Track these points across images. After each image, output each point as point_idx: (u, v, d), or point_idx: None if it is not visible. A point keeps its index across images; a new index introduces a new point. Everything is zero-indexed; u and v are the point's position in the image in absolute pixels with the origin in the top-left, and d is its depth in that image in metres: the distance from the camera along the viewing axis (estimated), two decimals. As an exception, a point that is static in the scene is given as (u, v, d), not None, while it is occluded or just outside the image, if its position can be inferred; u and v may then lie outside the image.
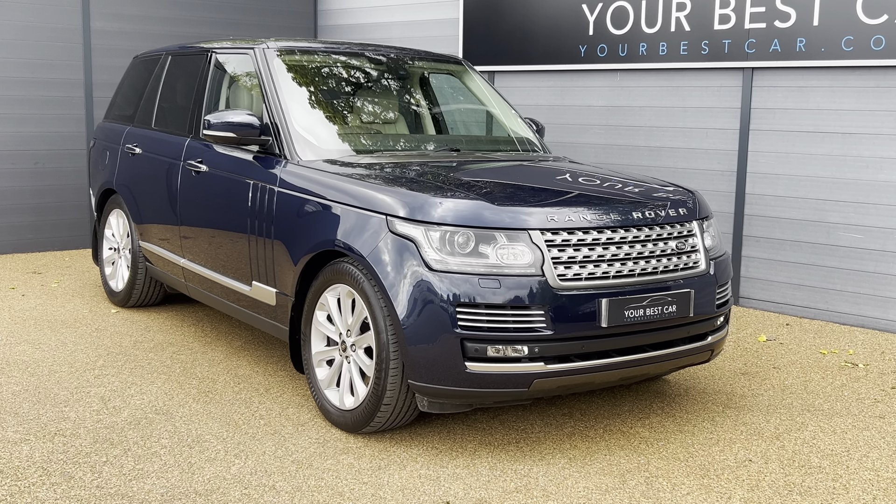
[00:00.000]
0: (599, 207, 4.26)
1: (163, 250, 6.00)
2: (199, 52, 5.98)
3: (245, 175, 5.08)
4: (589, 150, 8.07)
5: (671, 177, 7.55)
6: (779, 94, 6.95)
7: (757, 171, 7.12)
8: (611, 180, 4.87)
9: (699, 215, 4.61)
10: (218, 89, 5.76)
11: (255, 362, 5.40)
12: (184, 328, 6.12)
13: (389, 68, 5.81)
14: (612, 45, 7.73)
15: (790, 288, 7.03)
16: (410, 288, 3.98)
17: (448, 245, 3.99)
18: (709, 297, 4.46)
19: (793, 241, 6.99)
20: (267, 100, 5.10)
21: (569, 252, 4.07)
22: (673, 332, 4.34)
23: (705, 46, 7.20)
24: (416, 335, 3.97)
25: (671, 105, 7.55)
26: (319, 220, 4.49)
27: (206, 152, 5.50)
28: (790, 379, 5.42)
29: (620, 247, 4.20)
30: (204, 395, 4.82)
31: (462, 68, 6.17)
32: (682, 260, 4.40)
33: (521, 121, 5.97)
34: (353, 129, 5.30)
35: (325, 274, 4.42)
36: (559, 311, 3.99)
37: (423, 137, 5.68)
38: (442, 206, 4.05)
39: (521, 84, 8.49)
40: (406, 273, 4.00)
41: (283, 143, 4.93)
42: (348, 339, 4.36)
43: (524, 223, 4.05)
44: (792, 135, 6.92)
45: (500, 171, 5.01)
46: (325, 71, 5.48)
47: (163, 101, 6.27)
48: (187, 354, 5.53)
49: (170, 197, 5.81)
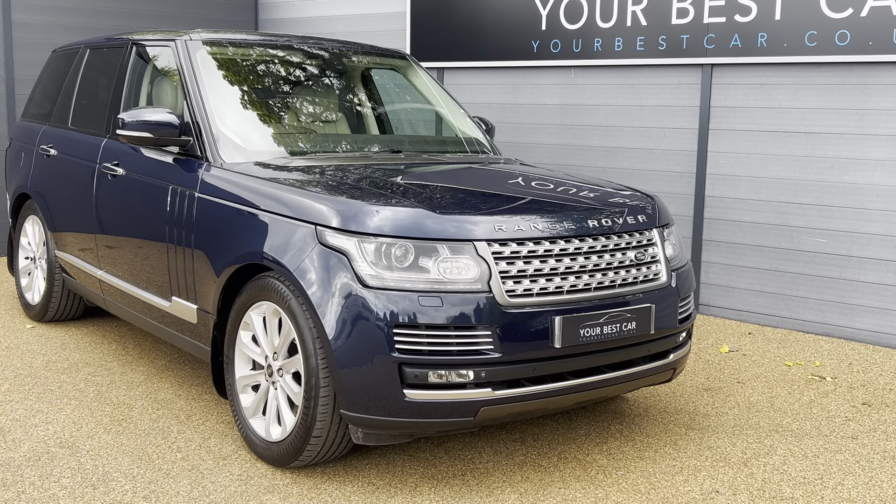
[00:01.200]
0: (552, 215, 3.86)
1: (79, 261, 5.49)
2: (119, 44, 5.48)
3: (164, 179, 4.61)
4: (543, 151, 7.69)
5: (628, 178, 7.19)
6: (739, 92, 6.63)
7: (717, 172, 6.80)
8: (565, 185, 4.48)
9: (659, 222, 4.24)
10: (138, 85, 5.27)
11: (178, 384, 4.93)
12: (103, 345, 5.62)
13: (327, 63, 5.37)
14: (565, 40, 7.36)
15: (752, 295, 6.71)
16: (341, 306, 3.55)
17: (384, 258, 3.57)
18: (670, 312, 4.10)
19: (754, 246, 6.67)
20: (188, 96, 4.63)
21: (518, 265, 3.67)
22: (632, 351, 3.97)
23: (662, 42, 6.85)
24: (348, 359, 3.54)
25: (627, 103, 7.20)
26: (243, 229, 4.04)
27: (124, 154, 5.02)
28: (755, 395, 5.08)
29: (575, 258, 3.81)
30: (117, 423, 4.35)
31: (406, 63, 5.75)
32: (642, 272, 4.02)
33: (469, 120, 5.56)
34: (284, 129, 4.85)
35: (249, 290, 3.98)
36: (508, 330, 3.59)
37: (363, 138, 5.24)
38: (377, 215, 3.62)
39: (472, 81, 8.09)
40: (337, 290, 3.57)
41: (204, 144, 4.47)
42: (275, 363, 3.92)
43: (469, 233, 3.64)
44: (753, 134, 6.60)
45: (445, 175, 4.59)
46: (256, 66, 5.03)
47: (80, 97, 5.75)
48: (104, 376, 5.04)
49: (85, 203, 5.31)
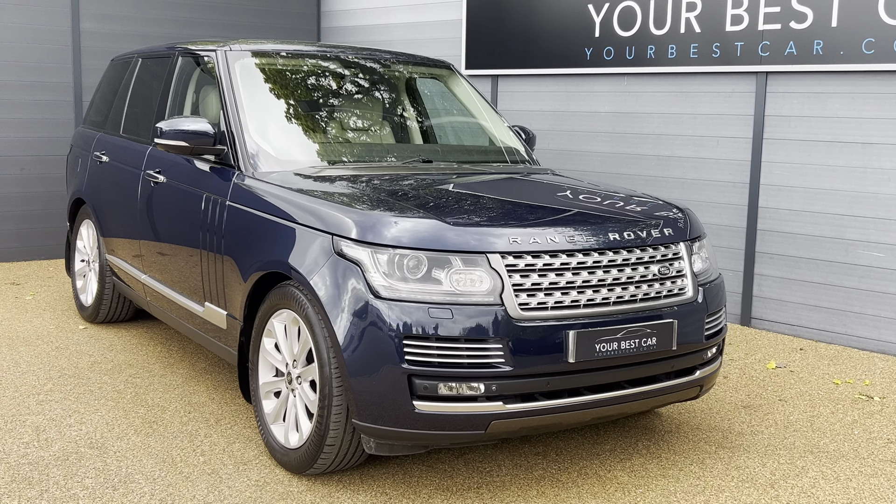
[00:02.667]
0: (571, 227, 3.82)
1: (126, 265, 5.65)
2: (166, 54, 5.63)
3: (200, 187, 4.71)
4: (594, 159, 7.61)
5: (680, 188, 7.07)
6: (794, 101, 6.46)
7: (771, 182, 6.63)
8: (592, 196, 4.43)
9: (688, 236, 4.15)
10: (183, 94, 5.40)
11: (212, 388, 5.02)
12: (148, 347, 5.76)
13: (367, 72, 5.41)
14: (618, 47, 7.27)
15: (805, 309, 6.52)
16: (354, 316, 3.57)
17: (397, 269, 3.58)
18: (696, 327, 4.01)
19: (809, 259, 6.48)
20: (224, 106, 4.72)
21: (533, 278, 3.64)
22: (654, 367, 3.90)
23: (716, 49, 6.72)
24: (359, 369, 3.56)
25: (680, 111, 7.08)
26: (267, 237, 4.10)
27: (165, 162, 5.14)
28: (796, 413, 4.94)
29: (593, 272, 3.76)
30: (148, 425, 4.45)
31: (448, 72, 5.75)
32: (666, 286, 3.95)
33: (508, 129, 5.54)
34: (319, 139, 4.90)
35: (272, 297, 4.03)
36: (520, 344, 3.56)
37: (395, 148, 5.26)
38: (390, 226, 3.64)
39: (525, 89, 8.05)
40: (349, 299, 3.59)
41: (237, 154, 4.55)
42: (294, 371, 3.96)
43: (482, 246, 3.63)
44: (808, 144, 6.42)
45: (470, 186, 4.57)
46: (294, 75, 5.10)
47: (131, 106, 5.92)
48: (144, 378, 5.16)
49: (131, 209, 5.46)
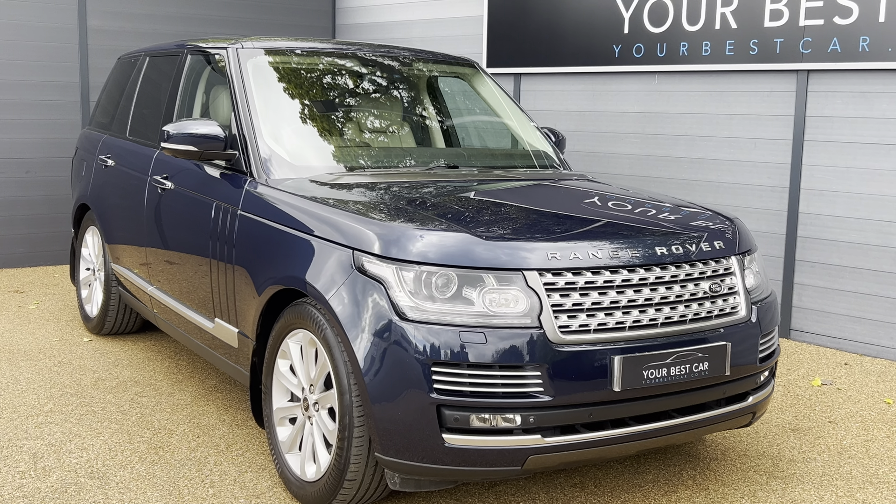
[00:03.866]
0: (615, 241, 3.48)
1: (132, 275, 5.34)
2: (175, 52, 5.31)
3: (209, 195, 4.40)
4: (623, 161, 7.26)
5: (715, 192, 6.71)
6: (838, 101, 6.10)
7: (812, 187, 6.27)
8: (633, 205, 4.09)
9: (739, 249, 3.81)
10: (192, 95, 5.08)
11: (223, 408, 4.71)
12: (156, 362, 5.45)
13: (387, 71, 5.08)
14: (649, 44, 6.92)
15: (849, 321, 6.16)
16: (376, 339, 3.25)
17: (424, 288, 3.26)
18: (750, 350, 3.67)
19: (853, 268, 6.12)
20: (236, 108, 4.40)
21: (574, 298, 3.31)
22: (705, 394, 3.56)
23: (754, 46, 6.36)
24: (383, 399, 3.23)
25: (715, 112, 6.72)
26: (281, 250, 3.78)
27: (173, 168, 4.83)
28: (849, 438, 4.59)
29: (639, 290, 3.42)
30: (153, 451, 4.14)
31: (472, 71, 5.42)
32: (717, 305, 3.61)
33: (536, 131, 5.20)
34: (337, 143, 4.58)
35: (287, 316, 3.71)
36: (560, 371, 3.23)
37: (419, 152, 4.93)
38: (416, 240, 3.31)
39: (550, 87, 7.71)
40: (372, 320, 3.27)
41: (249, 159, 4.23)
42: (311, 396, 3.64)
43: (519, 262, 3.29)
44: (853, 147, 6.06)
45: (501, 194, 4.24)
46: (310, 75, 4.77)
47: (138, 107, 5.61)
48: (150, 396, 4.85)
49: (137, 216, 5.15)
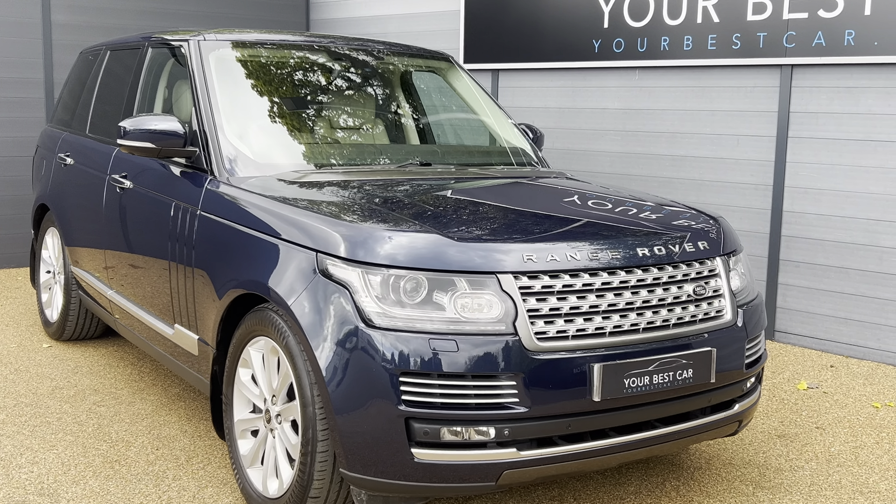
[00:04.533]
0: (594, 242, 3.29)
1: (92, 278, 5.11)
2: (136, 45, 5.09)
3: (169, 194, 4.18)
4: (603, 159, 7.09)
5: (697, 190, 6.55)
6: (823, 96, 5.94)
7: (797, 185, 6.11)
8: (613, 204, 3.90)
9: (724, 250, 3.63)
10: (153, 90, 4.86)
11: (186, 418, 4.49)
12: (118, 369, 5.22)
13: (358, 65, 4.88)
14: (629, 39, 6.75)
15: (835, 322, 6.01)
16: (340, 347, 3.04)
17: (392, 293, 3.06)
18: (736, 356, 3.49)
19: (838, 268, 5.97)
20: (196, 102, 4.19)
21: (551, 302, 3.12)
22: (689, 402, 3.38)
23: (737, 40, 6.20)
24: (347, 411, 3.03)
25: (697, 108, 6.56)
26: (241, 253, 3.57)
27: (132, 166, 4.61)
28: (837, 444, 4.43)
29: (620, 294, 3.24)
30: (109, 465, 3.92)
31: (447, 65, 5.23)
32: (702, 309, 3.43)
33: (513, 128, 5.01)
34: (303, 140, 4.36)
35: (248, 322, 3.50)
36: (537, 380, 3.04)
37: (390, 149, 4.73)
38: (383, 242, 3.11)
39: (528, 84, 7.53)
40: (336, 328, 3.06)
41: (210, 156, 4.02)
42: (273, 408, 3.43)
43: (492, 265, 3.10)
44: (839, 143, 5.91)
45: (475, 193, 4.04)
46: (277, 69, 4.56)
47: (98, 103, 5.38)
48: (109, 406, 4.63)
49: (96, 217, 4.93)
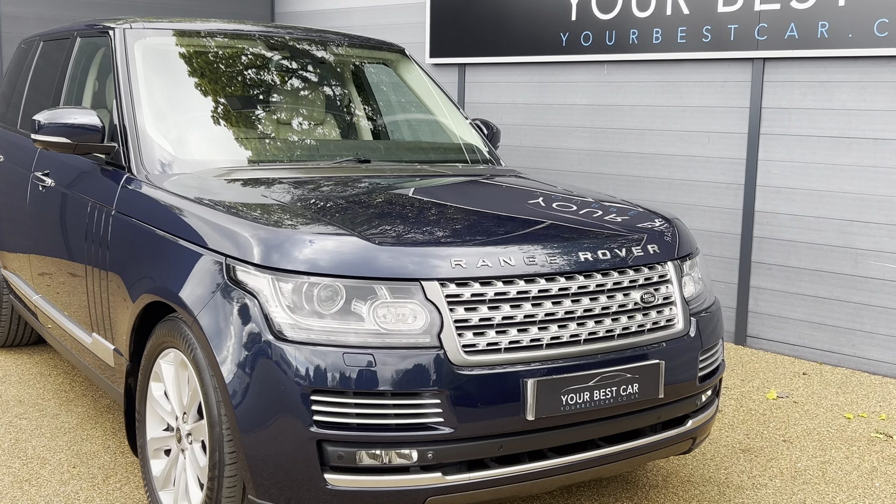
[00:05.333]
0: (532, 245, 3.02)
1: (21, 282, 4.83)
2: (65, 35, 4.80)
3: (86, 193, 3.90)
4: (571, 157, 6.82)
5: (667, 189, 6.29)
6: (796, 91, 5.68)
7: (769, 183, 5.86)
8: (561, 203, 3.63)
9: (678, 253, 3.36)
10: (81, 82, 4.57)
11: (110, 433, 4.20)
12: (49, 378, 4.93)
13: (301, 56, 4.59)
14: (597, 32, 6.48)
15: (808, 327, 5.76)
16: (247, 362, 2.77)
17: (305, 302, 2.78)
18: (688, 368, 3.22)
19: (812, 271, 5.71)
20: (117, 95, 3.90)
21: (482, 312, 2.84)
22: (636, 419, 3.11)
23: (707, 33, 5.94)
24: (254, 432, 2.76)
25: (667, 104, 6.30)
26: (152, 257, 3.29)
27: (54, 163, 4.32)
28: (804, 459, 4.17)
29: (559, 302, 2.97)
30: (18, 485, 3.63)
31: (399, 57, 4.95)
32: (650, 318, 3.16)
33: (467, 123, 4.74)
34: (229, 136, 4.07)
35: (158, 333, 3.22)
36: (464, 397, 2.77)
37: (327, 145, 4.44)
38: (297, 245, 2.83)
39: (496, 79, 7.26)
40: (243, 340, 2.79)
41: (128, 151, 3.73)
42: (183, 427, 3.15)
43: (417, 271, 2.83)
44: (812, 140, 5.65)
45: (412, 193, 3.75)
46: (210, 60, 4.28)
47: (29, 96, 5.09)
48: (32, 419, 4.34)
49: (22, 217, 4.64)
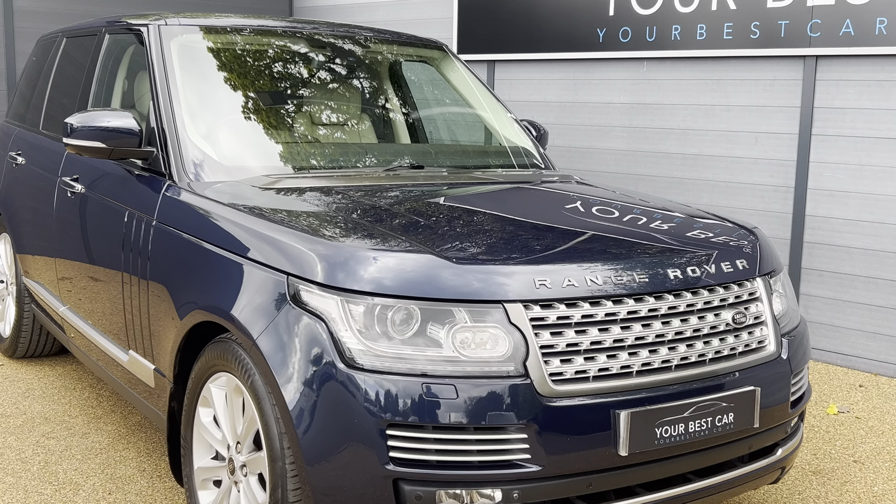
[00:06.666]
0: (616, 262, 2.78)
1: (44, 291, 4.58)
2: (92, 31, 4.55)
3: (122, 201, 3.65)
4: (608, 158, 6.57)
5: (710, 193, 6.05)
6: (851, 90, 5.44)
7: (821, 187, 5.61)
8: (634, 215, 3.39)
9: (764, 268, 3.12)
10: (111, 82, 4.32)
11: (144, 454, 3.96)
12: (75, 392, 4.69)
13: (341, 54, 4.35)
14: (637, 28, 6.23)
15: (863, 336, 5.52)
16: (314, 390, 2.53)
17: (378, 325, 2.54)
18: (781, 394, 2.98)
19: (867, 277, 5.48)
20: (155, 96, 3.65)
21: (568, 336, 2.60)
22: (728, 450, 2.87)
23: (755, 29, 5.69)
24: (323, 469, 2.52)
25: (711, 103, 6.05)
26: (201, 273, 3.05)
27: (84, 167, 4.07)
28: (880, 482, 3.93)
29: (648, 325, 2.73)
30: (52, 515, 3.40)
31: (441, 55, 4.70)
32: (742, 339, 2.92)
33: (515, 124, 4.50)
34: (275, 139, 3.83)
35: (208, 355, 2.98)
36: (552, 431, 2.53)
37: (377, 149, 4.20)
38: (367, 264, 2.59)
39: (527, 76, 7.01)
40: (309, 366, 2.55)
41: (168, 157, 3.49)
42: (237, 457, 2.91)
43: (498, 291, 2.58)
44: (868, 142, 5.41)
45: (474, 201, 3.50)
46: (249, 59, 4.03)
47: (52, 96, 4.84)
48: (61, 438, 4.10)
49: (46, 223, 4.39)
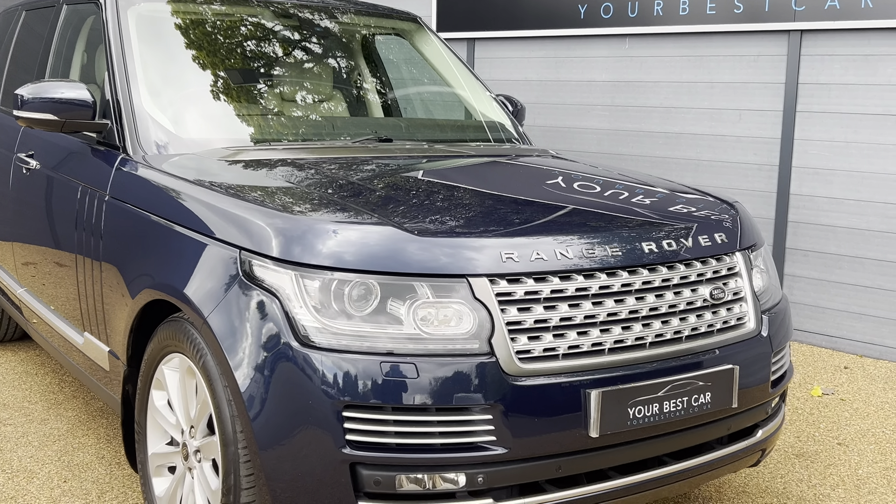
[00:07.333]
0: (588, 235, 2.64)
1: (4, 273, 4.43)
2: (50, 2, 4.38)
3: (75, 176, 3.50)
4: (590, 137, 6.44)
5: (693, 172, 5.92)
6: (836, 65, 5.31)
7: (806, 164, 5.49)
8: (608, 188, 3.25)
9: (744, 243, 2.99)
10: (69, 54, 4.16)
11: (104, 440, 3.82)
12: (37, 378, 4.54)
13: (308, 25, 4.19)
14: (618, 3, 6.09)
15: (848, 317, 5.41)
16: (267, 371, 2.39)
17: (334, 302, 2.40)
18: (761, 373, 2.86)
19: (852, 257, 5.36)
20: (110, 66, 3.49)
21: (537, 312, 2.46)
22: (706, 431, 2.75)
23: (739, 3, 5.56)
24: (277, 453, 2.38)
25: (694, 79, 5.92)
26: (154, 249, 2.90)
27: (39, 143, 3.92)
28: (864, 465, 3.82)
29: (621, 300, 2.60)
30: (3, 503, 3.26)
31: (414, 27, 4.55)
32: (720, 316, 2.79)
33: (490, 99, 4.35)
34: (235, 112, 3.67)
35: (161, 335, 2.83)
36: (520, 412, 2.39)
37: (342, 122, 4.05)
38: (324, 237, 2.44)
39: (507, 54, 6.86)
40: (263, 347, 2.40)
41: (123, 130, 3.33)
42: (191, 442, 2.77)
43: (463, 265, 2.44)
44: (854, 118, 5.29)
45: (443, 175, 3.36)
46: (211, 29, 3.87)
47: (11, 70, 4.68)
48: (18, 424, 3.95)
49: (3, 202, 4.24)
